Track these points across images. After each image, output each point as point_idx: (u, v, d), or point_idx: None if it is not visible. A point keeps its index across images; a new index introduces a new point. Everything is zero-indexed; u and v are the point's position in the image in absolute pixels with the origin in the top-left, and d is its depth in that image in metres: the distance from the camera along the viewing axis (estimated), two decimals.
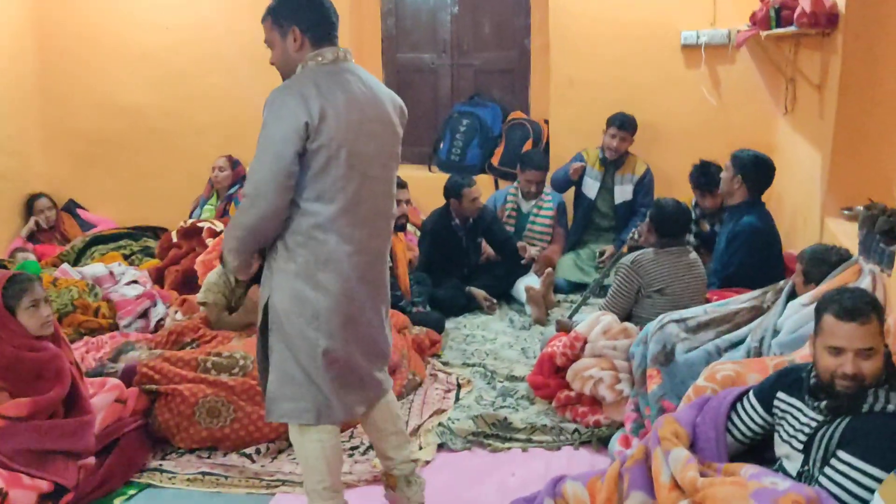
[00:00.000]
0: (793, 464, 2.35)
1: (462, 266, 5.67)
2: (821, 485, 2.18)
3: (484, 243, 5.83)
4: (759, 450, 2.60)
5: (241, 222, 2.62)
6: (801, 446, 2.32)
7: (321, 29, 2.66)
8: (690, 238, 5.54)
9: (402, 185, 5.08)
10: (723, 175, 4.69)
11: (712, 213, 5.41)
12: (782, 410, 2.43)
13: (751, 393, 2.58)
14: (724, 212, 5.03)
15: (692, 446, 2.54)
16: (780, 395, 2.45)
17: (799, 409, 2.36)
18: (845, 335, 2.25)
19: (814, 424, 2.29)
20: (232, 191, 6.44)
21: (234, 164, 6.53)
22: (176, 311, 4.82)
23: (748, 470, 2.28)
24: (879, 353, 2.26)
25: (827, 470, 2.18)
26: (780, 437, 2.42)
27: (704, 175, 5.28)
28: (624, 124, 5.90)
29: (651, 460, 2.49)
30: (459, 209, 5.52)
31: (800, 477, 2.31)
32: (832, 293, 2.39)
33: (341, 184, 2.58)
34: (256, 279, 4.48)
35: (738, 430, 2.58)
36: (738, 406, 2.60)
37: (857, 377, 2.23)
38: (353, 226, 2.63)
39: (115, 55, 6.74)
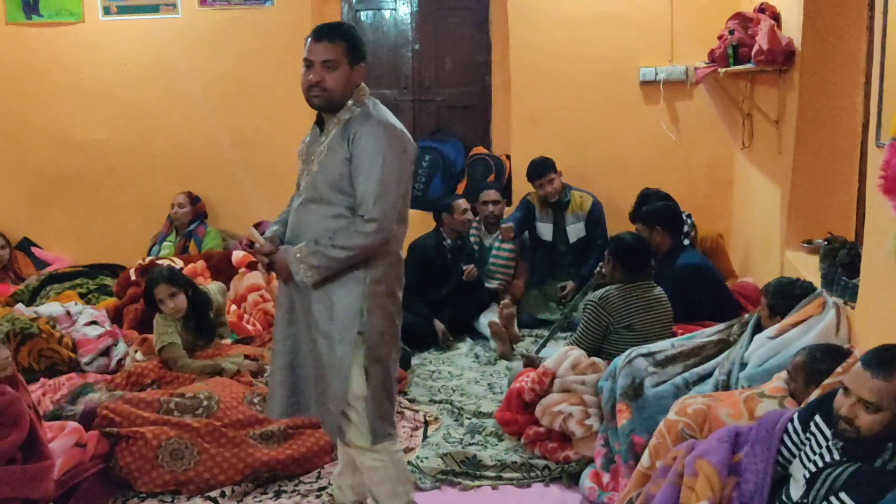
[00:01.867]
0: (797, 490, 2.34)
1: (442, 286, 5.67)
2: None
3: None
4: None
5: (360, 244, 2.75)
6: (808, 476, 2.31)
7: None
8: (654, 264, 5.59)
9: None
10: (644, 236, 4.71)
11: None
12: (811, 433, 2.41)
13: (795, 417, 2.54)
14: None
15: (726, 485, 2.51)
16: (817, 418, 2.42)
17: (825, 438, 2.33)
18: (856, 380, 2.23)
19: (828, 459, 2.28)
20: (191, 227, 6.37)
21: (193, 200, 6.46)
22: (136, 351, 4.71)
23: None
24: (887, 412, 2.19)
25: None
26: (800, 458, 2.40)
27: (639, 203, 5.36)
28: (542, 170, 5.91)
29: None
30: (452, 223, 5.69)
31: None
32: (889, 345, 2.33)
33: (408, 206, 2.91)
34: (201, 328, 4.43)
35: (783, 456, 2.52)
36: (786, 437, 2.54)
37: (850, 422, 2.20)
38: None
39: (72, 91, 6.65)
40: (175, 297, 4.30)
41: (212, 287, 4.74)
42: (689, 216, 5.33)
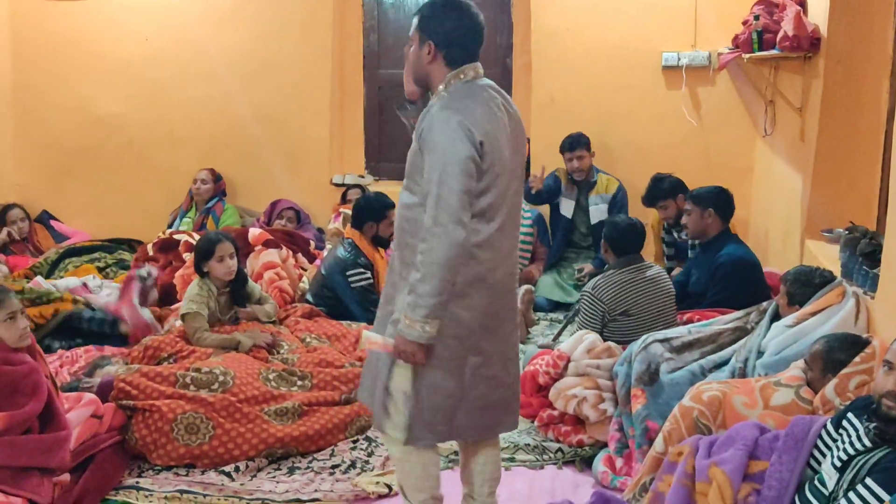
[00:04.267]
0: (830, 482, 2.33)
1: None
2: None
3: None
4: None
5: (437, 256, 2.47)
6: (839, 464, 2.30)
7: (461, 50, 2.62)
8: (665, 249, 5.60)
9: (390, 205, 5.02)
10: (688, 216, 4.65)
11: (674, 224, 5.45)
12: (843, 429, 2.41)
13: (828, 422, 2.52)
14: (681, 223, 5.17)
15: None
16: (850, 415, 2.42)
17: (856, 430, 2.33)
18: None
19: (859, 447, 2.27)
20: (210, 204, 6.40)
21: (216, 177, 6.50)
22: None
23: None
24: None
25: (850, 494, 2.17)
26: (831, 455, 2.39)
27: (653, 185, 5.45)
28: (575, 144, 5.94)
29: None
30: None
31: (829, 500, 2.29)
32: None
33: (500, 201, 2.60)
34: (237, 298, 4.49)
35: (815, 458, 2.50)
36: (818, 441, 2.51)
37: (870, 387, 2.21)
38: (504, 241, 2.67)
39: (93, 66, 6.68)
40: (233, 257, 4.41)
41: None
42: None
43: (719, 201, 4.61)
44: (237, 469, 3.50)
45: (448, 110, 2.52)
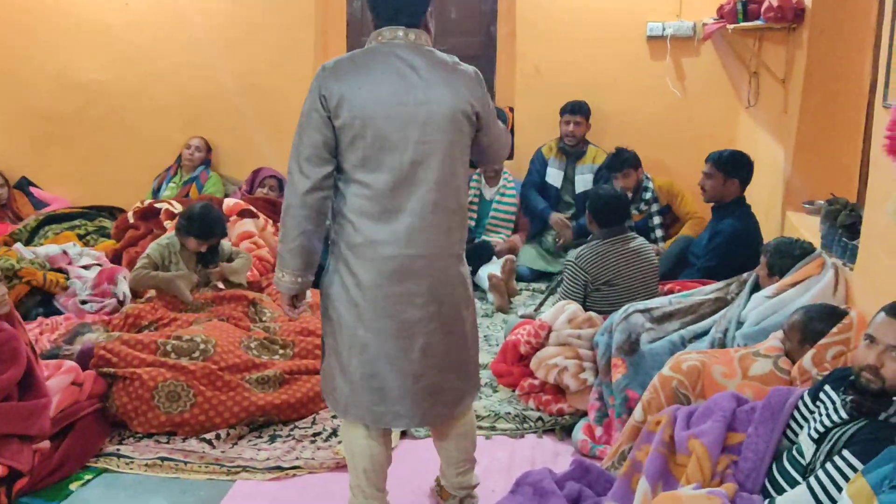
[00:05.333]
0: (807, 453, 2.35)
1: None
2: (817, 478, 2.19)
3: None
4: None
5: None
6: (816, 436, 2.32)
7: (384, 11, 2.58)
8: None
9: None
10: (709, 180, 4.55)
11: (632, 199, 5.53)
12: (821, 401, 2.43)
13: (805, 394, 2.54)
14: (639, 195, 5.54)
15: (724, 465, 2.51)
16: (826, 387, 2.44)
17: (833, 403, 2.36)
18: (882, 328, 2.25)
19: (836, 420, 2.30)
20: (196, 173, 6.35)
21: (208, 147, 6.47)
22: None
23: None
24: (876, 348, 2.25)
25: (827, 465, 2.19)
26: (808, 427, 2.42)
27: (618, 157, 5.57)
28: (576, 109, 5.98)
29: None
30: None
31: (806, 470, 2.32)
32: None
33: (379, 169, 2.50)
34: (204, 257, 4.51)
35: (791, 430, 2.53)
36: (795, 412, 2.54)
37: (877, 372, 2.22)
38: (399, 217, 2.53)
39: (73, 31, 6.57)
40: (209, 244, 4.53)
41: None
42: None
43: (744, 171, 4.54)
44: (218, 437, 3.51)
45: (323, 69, 2.55)
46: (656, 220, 5.61)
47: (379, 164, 2.49)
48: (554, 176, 6.08)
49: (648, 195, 5.62)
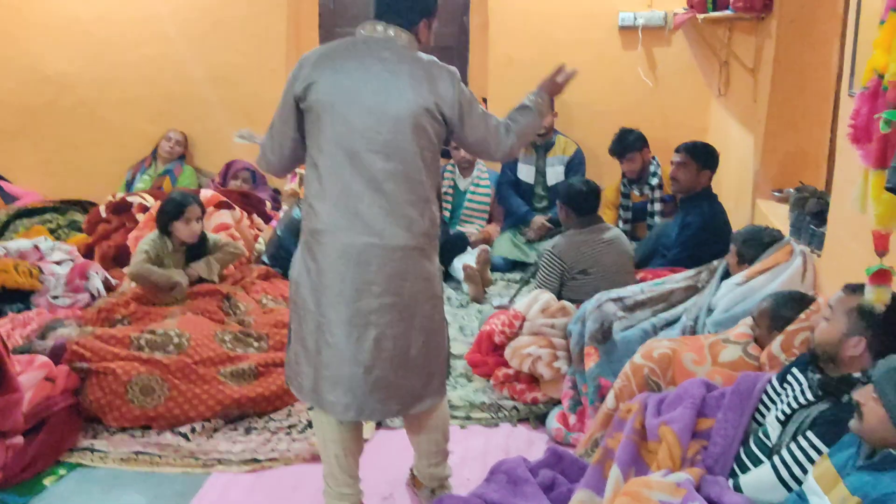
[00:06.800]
0: (773, 434, 2.39)
1: None
2: (781, 458, 2.23)
3: None
4: None
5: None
6: (783, 418, 2.36)
7: (376, 5, 2.69)
8: (620, 214, 5.67)
9: None
10: (682, 170, 4.58)
11: (637, 179, 5.56)
12: (788, 384, 2.47)
13: (773, 378, 2.58)
14: (645, 177, 5.50)
15: (694, 450, 2.54)
16: (794, 370, 2.48)
17: (800, 385, 2.40)
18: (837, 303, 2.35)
19: (802, 401, 2.34)
20: (171, 166, 6.32)
21: (185, 142, 6.44)
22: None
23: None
24: (835, 323, 2.32)
25: (792, 445, 2.23)
26: (776, 407, 2.46)
27: (621, 142, 5.49)
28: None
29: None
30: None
31: (772, 451, 2.36)
32: None
33: (334, 157, 2.59)
34: (191, 258, 4.47)
35: (759, 412, 2.56)
36: (763, 396, 2.58)
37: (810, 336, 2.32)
38: (349, 202, 2.59)
39: (40, 23, 6.50)
40: (199, 220, 4.43)
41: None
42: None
43: (715, 162, 4.63)
44: (193, 430, 3.50)
45: (303, 56, 2.71)
46: (657, 206, 5.58)
47: (337, 150, 2.57)
48: (525, 172, 6.09)
49: (655, 181, 5.56)
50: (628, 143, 5.49)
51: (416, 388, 2.72)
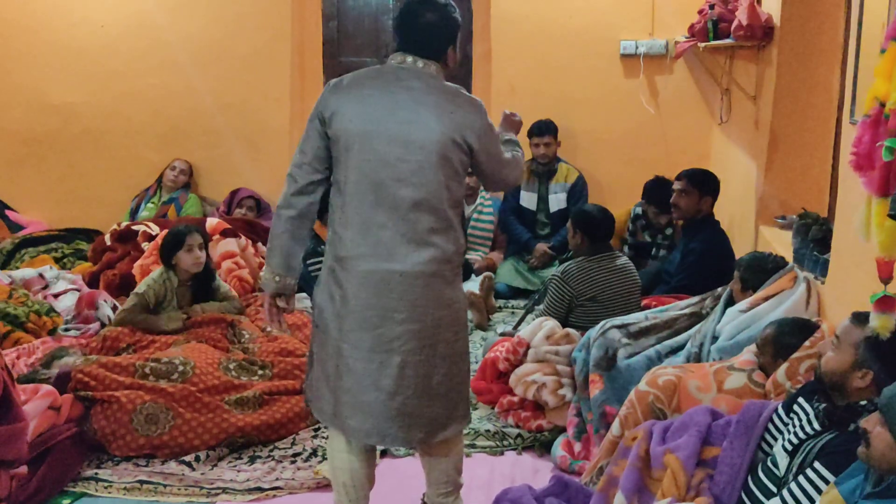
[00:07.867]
0: (781, 465, 2.38)
1: None
2: (790, 491, 2.21)
3: None
4: None
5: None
6: (790, 448, 2.35)
7: (399, 39, 2.72)
8: (625, 249, 5.67)
9: None
10: (684, 197, 4.59)
11: (659, 228, 5.53)
12: (794, 413, 2.46)
13: (780, 407, 2.57)
14: (664, 228, 5.44)
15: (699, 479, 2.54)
16: (800, 399, 2.47)
17: (806, 414, 2.39)
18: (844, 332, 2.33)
19: (809, 431, 2.33)
20: (175, 194, 6.34)
21: (190, 170, 6.47)
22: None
23: None
24: (842, 353, 2.30)
25: (800, 478, 2.21)
26: (782, 439, 2.45)
27: (663, 190, 5.27)
28: (543, 130, 5.98)
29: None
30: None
31: (780, 482, 2.34)
32: None
33: (359, 183, 2.61)
34: (199, 293, 4.45)
35: (766, 442, 2.55)
36: (770, 425, 2.57)
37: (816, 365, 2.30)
38: (375, 231, 2.61)
39: (47, 52, 6.56)
40: (202, 248, 4.38)
41: None
42: None
43: (716, 189, 4.63)
44: (198, 459, 3.50)
45: (329, 84, 2.74)
46: (662, 251, 5.57)
47: (362, 178, 2.59)
48: (528, 199, 6.12)
49: (670, 231, 5.54)
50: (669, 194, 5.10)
51: (441, 415, 2.71)
